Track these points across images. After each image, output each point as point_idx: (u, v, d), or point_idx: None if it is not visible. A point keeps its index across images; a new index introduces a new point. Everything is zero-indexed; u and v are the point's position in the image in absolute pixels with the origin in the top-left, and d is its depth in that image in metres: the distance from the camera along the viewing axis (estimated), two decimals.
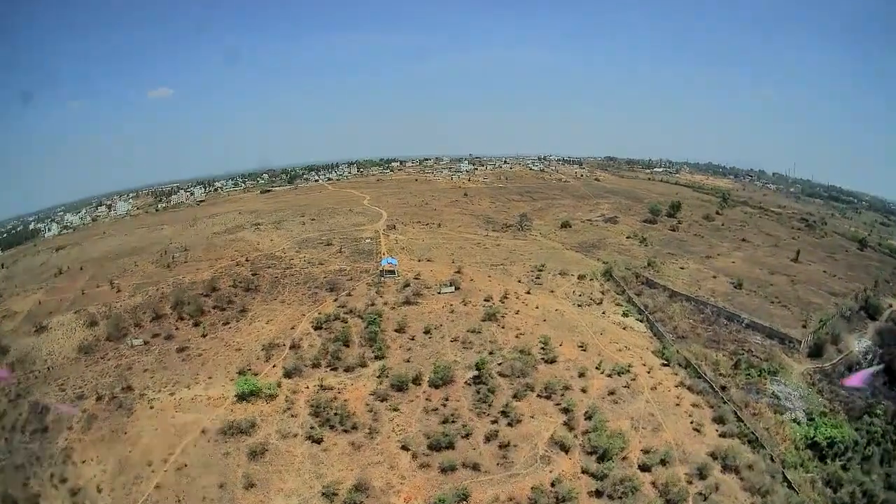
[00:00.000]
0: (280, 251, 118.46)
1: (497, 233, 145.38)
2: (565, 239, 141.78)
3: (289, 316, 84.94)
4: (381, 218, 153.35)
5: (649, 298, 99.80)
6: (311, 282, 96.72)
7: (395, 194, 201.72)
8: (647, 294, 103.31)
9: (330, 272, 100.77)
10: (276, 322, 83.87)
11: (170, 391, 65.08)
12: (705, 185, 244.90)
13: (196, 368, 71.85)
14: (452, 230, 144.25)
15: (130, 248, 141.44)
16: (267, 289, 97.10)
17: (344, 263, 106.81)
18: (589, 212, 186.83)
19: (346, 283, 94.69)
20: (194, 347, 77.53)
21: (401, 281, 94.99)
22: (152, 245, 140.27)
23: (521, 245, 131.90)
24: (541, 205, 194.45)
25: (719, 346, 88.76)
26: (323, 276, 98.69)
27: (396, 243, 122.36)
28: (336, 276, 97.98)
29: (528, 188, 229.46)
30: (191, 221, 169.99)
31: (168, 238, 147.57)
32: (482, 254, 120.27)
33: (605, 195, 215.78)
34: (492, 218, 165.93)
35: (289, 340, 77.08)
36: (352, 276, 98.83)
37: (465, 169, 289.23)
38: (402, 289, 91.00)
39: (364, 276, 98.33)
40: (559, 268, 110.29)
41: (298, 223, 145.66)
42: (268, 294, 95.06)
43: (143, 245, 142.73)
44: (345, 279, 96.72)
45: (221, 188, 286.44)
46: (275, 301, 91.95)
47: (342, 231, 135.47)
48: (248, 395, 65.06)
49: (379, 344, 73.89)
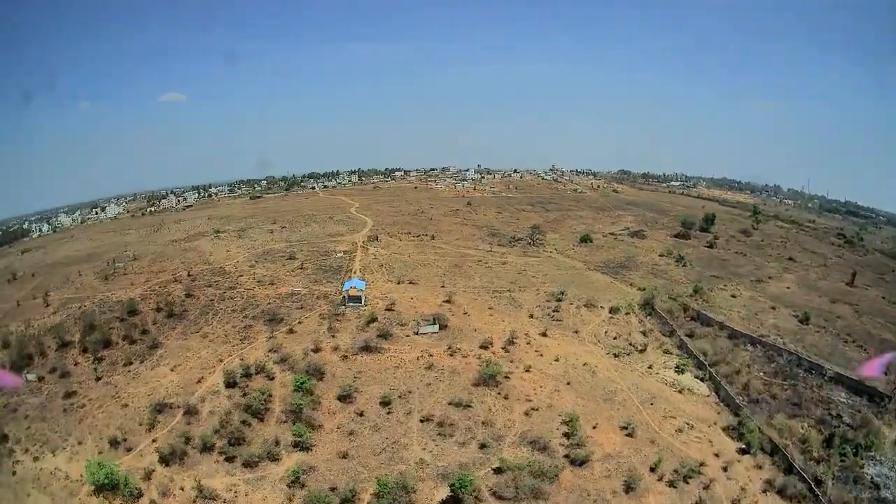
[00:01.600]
0: (232, 265, 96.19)
1: (503, 248, 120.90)
2: (587, 256, 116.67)
3: (203, 360, 61.99)
4: (365, 227, 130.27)
5: (706, 342, 74.29)
6: (251, 309, 73.66)
7: (389, 202, 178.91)
8: (700, 334, 78.09)
9: (278, 297, 77.69)
10: (184, 368, 61.02)
11: (36, 453, 51.51)
12: (728, 199, 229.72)
13: (72, 425, 55.32)
14: (448, 243, 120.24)
15: (85, 255, 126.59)
16: (194, 316, 74.61)
17: (301, 284, 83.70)
18: (611, 225, 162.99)
19: (294, 313, 71.54)
20: (82, 394, 60.73)
21: (367, 313, 71.23)
22: (107, 252, 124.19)
23: (533, 264, 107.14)
24: (555, 216, 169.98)
25: (802, 412, 65.58)
26: (267, 302, 75.61)
27: (374, 259, 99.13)
28: (283, 303, 74.90)
29: (541, 198, 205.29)
30: (156, 227, 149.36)
31: (124, 245, 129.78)
32: (483, 275, 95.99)
33: (627, 207, 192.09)
34: (497, 230, 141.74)
35: (188, 400, 53.34)
36: (304, 302, 75.67)
37: (471, 177, 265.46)
38: (366, 325, 67.43)
39: (320, 304, 74.98)
40: (584, 296, 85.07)
41: (266, 232, 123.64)
42: (192, 324, 72.55)
43: (99, 252, 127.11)
44: (294, 307, 73.57)
45: (216, 194, 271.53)
46: (196, 334, 69.23)
47: (313, 242, 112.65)
48: (105, 488, 42.28)
49: (303, 425, 49.53)
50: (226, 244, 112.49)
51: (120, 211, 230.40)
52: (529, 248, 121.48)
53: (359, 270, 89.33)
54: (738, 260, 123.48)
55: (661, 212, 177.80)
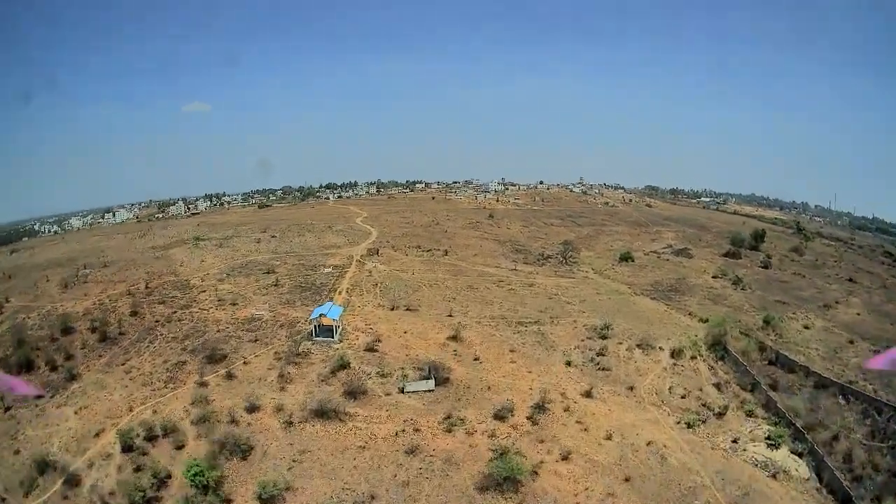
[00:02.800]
0: (200, 277, 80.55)
1: (530, 266, 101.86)
2: (630, 278, 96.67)
3: (112, 405, 45.89)
4: (367, 239, 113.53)
5: (798, 399, 53.95)
6: (194, 338, 57.04)
7: (400, 212, 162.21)
8: (784, 383, 58.40)
9: (233, 322, 61.02)
10: (90, 413, 45.18)
11: None
12: (764, 216, 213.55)
13: None
14: (464, 260, 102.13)
15: (66, 258, 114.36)
16: (129, 341, 58.75)
17: (269, 306, 67.24)
18: (651, 241, 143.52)
19: (244, 348, 54.42)
20: None
21: (337, 354, 52.47)
22: (86, 256, 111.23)
23: (566, 286, 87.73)
24: (587, 231, 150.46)
25: None
26: (217, 329, 58.97)
27: (369, 277, 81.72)
28: (236, 332, 58.13)
29: (570, 212, 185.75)
30: (141, 233, 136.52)
31: (102, 250, 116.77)
32: (505, 300, 76.93)
33: (664, 222, 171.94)
34: (523, 245, 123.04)
35: (73, 462, 36.80)
36: (263, 332, 58.59)
37: (494, 189, 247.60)
38: (332, 374, 49.04)
39: (282, 335, 57.61)
40: (635, 330, 65.06)
41: (253, 241, 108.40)
42: (122, 352, 56.80)
43: (76, 256, 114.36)
44: (247, 339, 56.61)
45: (228, 203, 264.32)
46: (120, 367, 53.32)
47: (302, 254, 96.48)
48: None
49: None
50: (204, 253, 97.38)
51: (129, 216, 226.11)
52: (561, 268, 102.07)
53: (345, 291, 71.91)
54: (797, 282, 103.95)
55: (702, 228, 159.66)
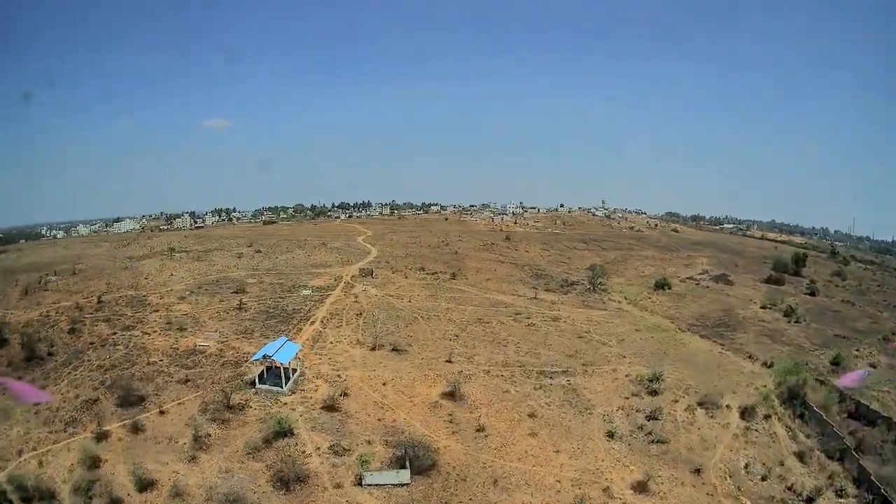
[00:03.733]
0: (161, 294, 69.38)
1: (553, 294, 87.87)
2: (671, 309, 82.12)
3: (8, 442, 35.07)
4: (365, 258, 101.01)
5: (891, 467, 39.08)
6: (121, 367, 44.61)
7: (408, 231, 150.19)
8: (869, 441, 44.53)
9: (171, 353, 48.92)
10: None
11: None
12: (793, 240, 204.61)
13: None
14: (475, 285, 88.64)
15: (46, 262, 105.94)
16: (56, 363, 48.16)
17: (220, 335, 54.60)
18: (685, 267, 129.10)
19: (168, 390, 42.52)
20: None
21: (276, 418, 37.75)
22: (61, 263, 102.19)
23: (598, 320, 73.45)
24: (614, 256, 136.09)
25: None
26: (148, 361, 46.71)
27: (355, 303, 68.93)
28: (169, 367, 46.54)
29: (594, 235, 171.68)
30: (126, 242, 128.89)
31: (81, 257, 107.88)
32: (523, 339, 62.10)
33: (696, 247, 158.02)
34: (544, 270, 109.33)
35: None
36: (199, 371, 46.57)
37: (512, 211, 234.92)
38: (266, 442, 35.55)
39: (222, 376, 45.01)
40: (691, 381, 50.43)
41: (234, 255, 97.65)
42: (45, 375, 47.36)
43: (55, 261, 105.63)
44: (177, 378, 44.59)
45: (237, 218, 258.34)
46: None
47: (285, 272, 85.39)
48: None
49: None
50: (177, 266, 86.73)
51: (134, 226, 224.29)
52: (590, 296, 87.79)
53: (320, 321, 58.99)
54: (849, 311, 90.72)
55: (736, 253, 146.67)
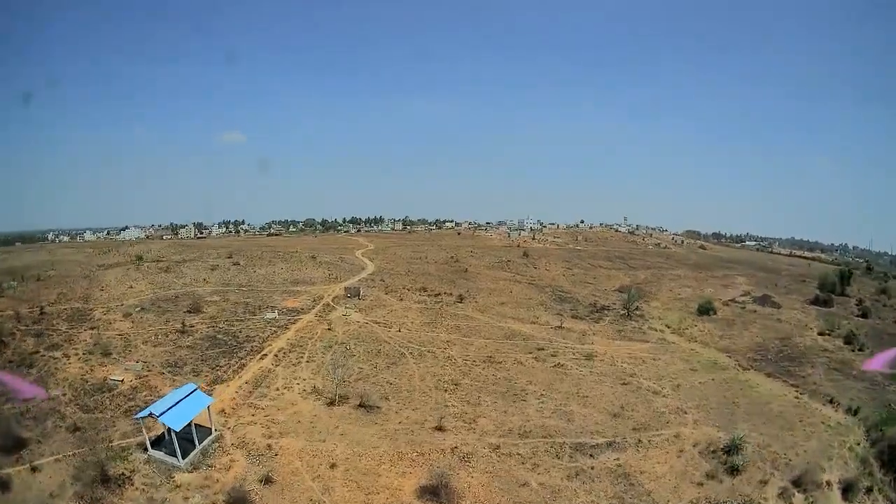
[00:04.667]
0: (110, 308, 61.27)
1: (582, 321, 76.33)
2: (722, 339, 69.90)
3: None
4: (358, 274, 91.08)
5: None
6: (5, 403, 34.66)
7: (415, 246, 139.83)
8: None
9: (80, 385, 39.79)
10: None
11: None
12: (823, 257, 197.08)
13: None
14: (486, 310, 77.52)
15: (18, 267, 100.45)
16: None
17: (147, 366, 44.90)
18: (723, 288, 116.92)
19: (50, 440, 32.38)
20: None
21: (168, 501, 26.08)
22: (35, 268, 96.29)
23: (643, 356, 59.88)
24: (644, 275, 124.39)
25: None
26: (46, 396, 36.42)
27: (328, 332, 57.54)
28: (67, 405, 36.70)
29: (619, 253, 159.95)
30: (107, 249, 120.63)
31: (55, 263, 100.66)
32: (548, 389, 47.02)
33: (728, 265, 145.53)
34: (568, 292, 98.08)
35: None
36: (99, 413, 36.17)
37: (530, 226, 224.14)
38: None
39: (118, 429, 34.49)
40: (774, 445, 36.85)
41: (207, 268, 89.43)
42: None
43: (31, 266, 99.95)
44: (68, 423, 34.41)
45: (244, 230, 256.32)
46: None
47: (258, 289, 76.74)
48: None
49: None
50: (141, 277, 79.06)
51: (139, 235, 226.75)
52: (626, 324, 76.06)
53: (273, 354, 47.93)
54: None
55: (771, 271, 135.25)
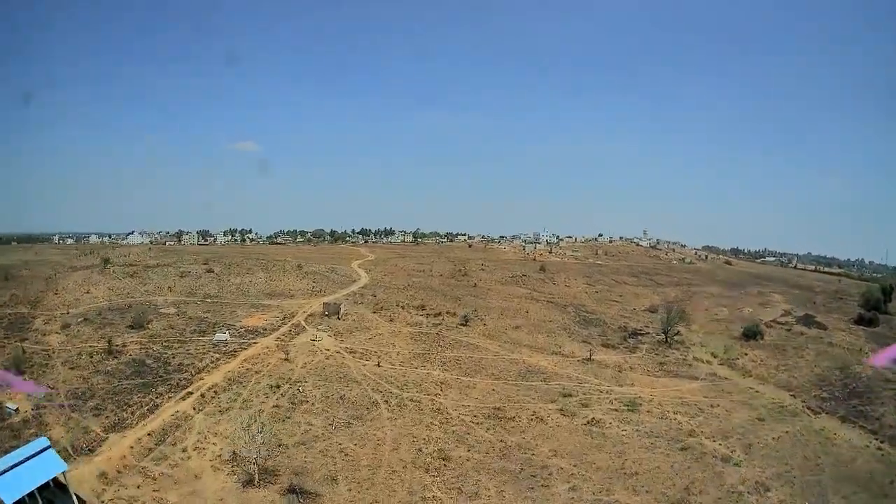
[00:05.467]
0: (54, 316, 57.50)
1: (614, 350, 66.64)
2: (777, 370, 60.40)
3: None
4: (347, 288, 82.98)
5: None
6: None
7: (420, 258, 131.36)
8: None
9: None
10: None
11: None
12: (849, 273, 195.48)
13: None
14: (496, 334, 67.78)
15: None
16: None
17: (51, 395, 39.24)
18: (761, 307, 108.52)
19: None
20: None
21: None
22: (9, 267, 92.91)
23: (694, 398, 49.76)
24: (674, 293, 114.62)
25: None
26: None
27: (283, 364, 48.07)
28: None
29: (643, 268, 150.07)
30: (90, 251, 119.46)
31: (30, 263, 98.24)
32: (580, 461, 35.34)
33: (758, 282, 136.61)
34: (593, 312, 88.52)
35: None
36: None
37: (546, 239, 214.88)
38: None
39: None
40: None
41: (175, 275, 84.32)
42: None
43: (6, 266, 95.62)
44: None
45: (249, 239, 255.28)
46: None
47: (224, 301, 71.40)
48: None
49: None
50: (102, 282, 75.29)
51: (142, 240, 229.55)
52: (666, 353, 66.40)
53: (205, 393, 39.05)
54: None
55: (804, 288, 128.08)
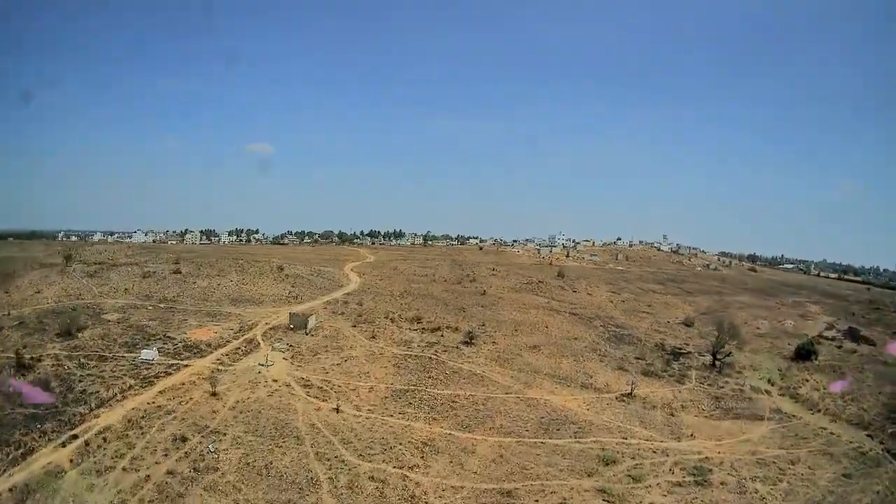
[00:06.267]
0: None
1: (656, 380, 55.98)
2: (847, 403, 50.73)
3: None
4: (330, 293, 74.84)
5: None
6: None
7: (424, 261, 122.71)
8: None
9: None
10: None
11: None
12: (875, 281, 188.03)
13: None
14: (508, 358, 56.80)
15: None
16: None
17: None
18: (801, 319, 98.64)
19: None
20: None
21: None
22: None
23: (766, 451, 38.88)
24: (707, 303, 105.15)
25: None
26: None
27: (208, 399, 37.68)
28: None
29: (668, 274, 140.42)
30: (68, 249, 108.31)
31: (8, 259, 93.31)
32: None
33: (791, 290, 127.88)
34: (622, 327, 78.04)
35: None
36: None
37: (562, 242, 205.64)
38: None
39: None
40: None
41: (138, 275, 78.09)
42: None
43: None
44: None
45: (255, 239, 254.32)
46: None
47: (180, 308, 63.17)
48: None
49: None
50: (57, 281, 70.83)
51: (145, 239, 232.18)
52: (717, 381, 56.67)
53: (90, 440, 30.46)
54: None
55: (837, 297, 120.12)
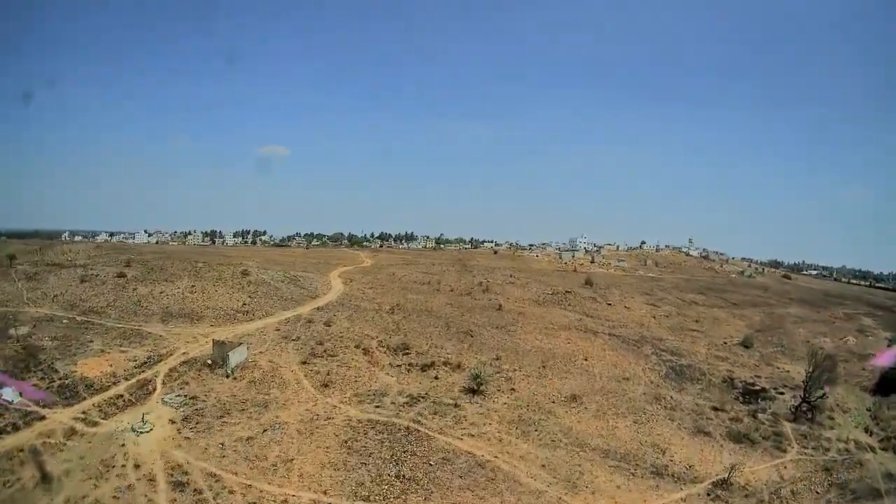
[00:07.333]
0: None
1: (750, 447, 42.40)
2: None
3: None
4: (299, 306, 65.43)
5: None
6: None
7: (428, 266, 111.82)
8: None
9: None
10: None
11: None
12: None
13: None
14: (536, 421, 43.26)
15: None
16: None
17: None
18: (862, 336, 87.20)
19: None
20: None
21: None
22: None
23: None
24: (758, 317, 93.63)
25: None
26: None
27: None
28: None
29: (705, 283, 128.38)
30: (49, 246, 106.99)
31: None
32: None
33: (834, 300, 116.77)
34: (677, 354, 65.41)
35: None
36: None
37: (584, 247, 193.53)
38: None
39: None
40: None
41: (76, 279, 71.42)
42: None
43: None
44: None
45: (262, 241, 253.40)
46: None
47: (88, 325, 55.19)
48: None
49: None
50: None
51: (147, 239, 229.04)
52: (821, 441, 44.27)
53: None
54: None
55: (884, 308, 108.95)
